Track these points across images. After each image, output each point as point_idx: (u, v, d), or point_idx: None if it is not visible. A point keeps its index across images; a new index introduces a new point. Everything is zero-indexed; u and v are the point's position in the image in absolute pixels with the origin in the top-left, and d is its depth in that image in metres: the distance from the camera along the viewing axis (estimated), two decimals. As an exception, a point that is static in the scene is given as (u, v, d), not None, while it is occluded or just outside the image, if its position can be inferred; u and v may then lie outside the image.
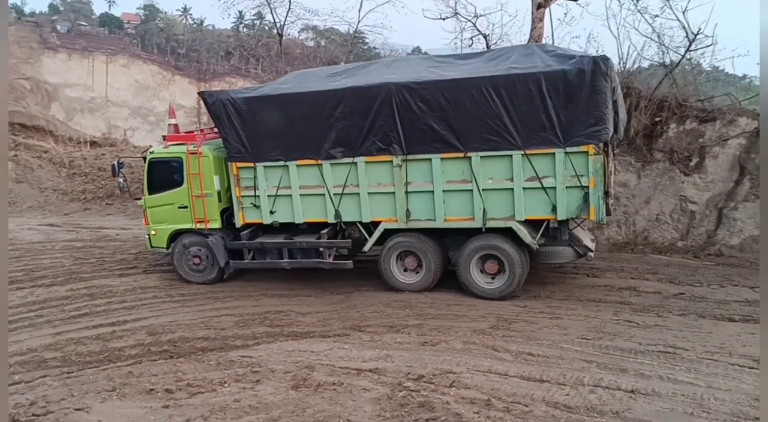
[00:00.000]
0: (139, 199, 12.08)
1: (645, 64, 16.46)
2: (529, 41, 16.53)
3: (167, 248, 11.76)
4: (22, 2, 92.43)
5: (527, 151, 9.32)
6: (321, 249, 10.91)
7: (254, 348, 8.73)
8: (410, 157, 9.91)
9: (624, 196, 14.07)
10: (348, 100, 9.98)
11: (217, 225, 11.33)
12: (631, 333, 8.64)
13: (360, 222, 10.62)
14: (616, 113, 9.53)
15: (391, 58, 12.16)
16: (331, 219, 10.63)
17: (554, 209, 9.47)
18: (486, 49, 12.32)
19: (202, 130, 12.23)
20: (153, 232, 11.73)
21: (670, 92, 14.45)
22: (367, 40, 45.61)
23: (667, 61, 15.73)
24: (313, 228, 10.99)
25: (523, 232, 9.68)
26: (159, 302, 10.77)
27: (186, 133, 11.94)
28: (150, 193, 11.63)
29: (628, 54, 15.76)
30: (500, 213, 9.74)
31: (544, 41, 16.24)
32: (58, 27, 76.49)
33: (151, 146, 13.24)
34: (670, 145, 13.89)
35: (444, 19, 19.50)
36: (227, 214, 11.39)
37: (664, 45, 15.75)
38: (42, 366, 8.36)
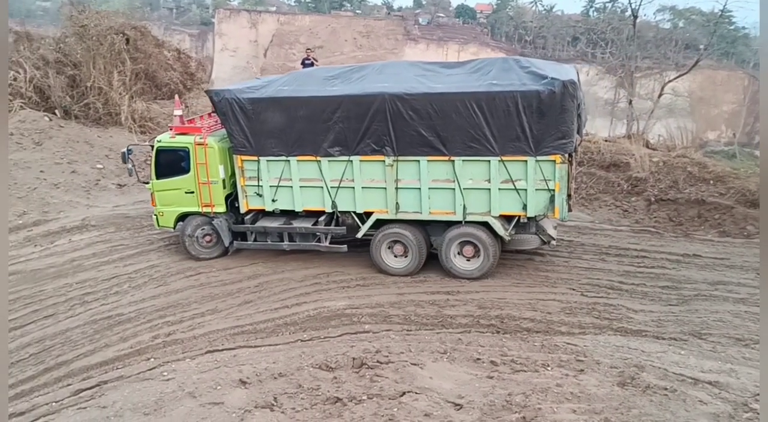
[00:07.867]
0: (147, 183, 13.05)
1: None
2: None
3: (174, 228, 12.78)
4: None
5: (503, 158, 10.42)
6: (318, 234, 11.92)
7: (579, 337, 8.62)
8: (401, 158, 10.92)
9: None
10: (346, 106, 10.89)
11: (221, 209, 12.24)
12: None
13: (354, 212, 11.59)
14: (579, 116, 10.71)
15: (380, 63, 12.62)
16: (328, 209, 11.68)
17: (525, 207, 10.62)
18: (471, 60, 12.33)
19: (201, 117, 13.02)
20: (161, 213, 12.77)
21: None
22: (734, 19, 40.50)
23: None
24: (310, 213, 12.02)
25: (498, 226, 10.80)
26: (489, 279, 11.22)
27: (189, 121, 12.78)
28: (157, 178, 12.58)
29: None
30: (478, 208, 10.87)
31: None
32: (420, 20, 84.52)
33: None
34: None
35: None
36: (231, 199, 12.27)
37: None
38: (387, 320, 9.49)
